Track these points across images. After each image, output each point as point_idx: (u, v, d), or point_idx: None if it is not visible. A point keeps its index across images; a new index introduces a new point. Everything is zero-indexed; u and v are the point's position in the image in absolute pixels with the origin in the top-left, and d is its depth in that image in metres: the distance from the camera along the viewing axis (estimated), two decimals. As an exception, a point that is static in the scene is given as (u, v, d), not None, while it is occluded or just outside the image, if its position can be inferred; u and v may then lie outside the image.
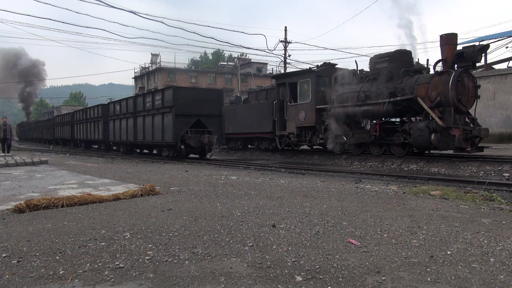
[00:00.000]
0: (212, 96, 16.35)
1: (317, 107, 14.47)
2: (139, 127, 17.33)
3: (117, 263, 2.92)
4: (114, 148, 23.44)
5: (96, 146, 27.74)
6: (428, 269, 2.73)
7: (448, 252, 3.11)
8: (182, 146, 14.64)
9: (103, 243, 3.44)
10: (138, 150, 20.16)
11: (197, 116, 15.02)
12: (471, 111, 11.73)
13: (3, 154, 16.77)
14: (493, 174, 9.53)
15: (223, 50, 71.02)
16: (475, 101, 11.72)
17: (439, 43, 11.74)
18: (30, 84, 53.40)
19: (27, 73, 52.92)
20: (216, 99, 16.12)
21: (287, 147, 16.74)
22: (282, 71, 29.81)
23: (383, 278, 2.58)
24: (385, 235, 3.61)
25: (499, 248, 3.23)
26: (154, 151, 18.49)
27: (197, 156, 16.46)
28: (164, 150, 16.25)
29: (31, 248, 3.32)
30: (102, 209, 5.01)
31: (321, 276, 2.62)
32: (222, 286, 2.48)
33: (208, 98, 15.68)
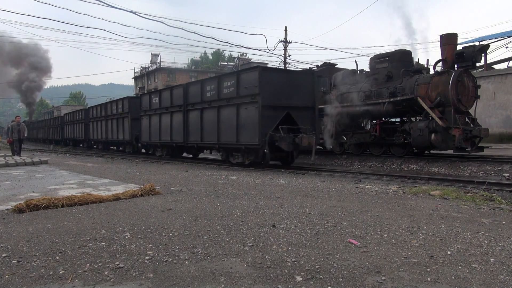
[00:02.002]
0: (304, 81, 11.90)
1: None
2: (193, 124, 13.70)
3: (117, 263, 2.92)
4: (144, 150, 20.27)
5: (116, 148, 24.33)
6: (428, 269, 2.73)
7: (448, 252, 3.11)
8: (266, 150, 10.66)
9: (103, 243, 3.44)
10: (185, 154, 16.70)
11: (286, 108, 11.05)
12: (471, 111, 11.75)
13: (15, 156, 15.33)
14: (493, 174, 9.54)
15: (223, 50, 71.02)
16: (475, 101, 11.73)
17: (439, 43, 11.75)
18: (36, 79, 50.62)
19: (36, 67, 49.88)
20: (308, 85, 11.89)
21: None
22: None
23: (383, 278, 2.58)
24: (385, 235, 3.61)
25: (499, 248, 3.23)
26: (209, 155, 16.09)
27: (278, 162, 12.73)
28: (235, 156, 12.13)
29: (31, 248, 3.32)
30: (102, 209, 5.01)
31: (321, 276, 2.62)
32: (222, 286, 2.48)
33: (299, 84, 11.55)
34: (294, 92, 11.29)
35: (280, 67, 26.92)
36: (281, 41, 29.07)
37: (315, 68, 15.97)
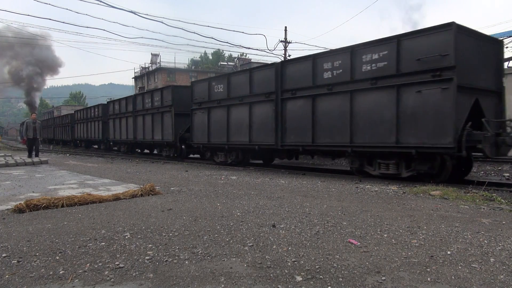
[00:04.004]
0: (490, 52, 7.96)
1: None
2: (294, 119, 9.92)
3: (117, 263, 2.92)
4: (192, 155, 15.91)
5: (150, 151, 19.98)
6: (428, 269, 2.73)
7: (448, 252, 3.11)
8: (463, 153, 6.96)
9: (103, 243, 3.44)
10: (278, 160, 13.44)
11: (475, 93, 7.43)
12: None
13: (36, 159, 13.70)
14: (493, 174, 9.54)
15: (223, 50, 71.11)
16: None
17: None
18: (41, 76, 47.72)
19: (42, 64, 44.85)
20: (495, 59, 8.11)
21: None
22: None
23: (383, 278, 2.58)
24: (385, 235, 3.61)
25: (499, 248, 3.23)
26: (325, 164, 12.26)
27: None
28: (389, 166, 8.22)
29: (31, 248, 3.32)
30: (102, 209, 5.01)
31: (321, 276, 2.62)
32: (222, 286, 2.48)
33: (486, 57, 7.83)
34: (482, 68, 7.68)
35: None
36: (281, 41, 29.02)
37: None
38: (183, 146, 15.15)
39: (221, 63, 60.80)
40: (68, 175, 9.40)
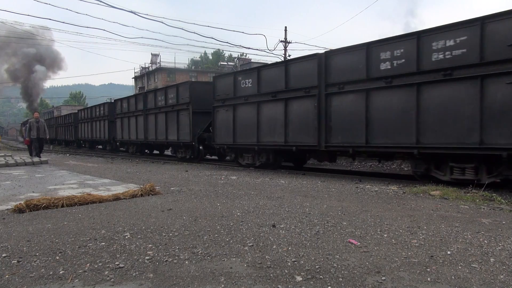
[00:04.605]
0: None
1: None
2: (341, 117, 8.79)
3: (117, 263, 2.92)
4: (208, 157, 14.91)
5: (159, 151, 19.02)
6: (428, 269, 2.73)
7: (448, 252, 3.11)
8: None
9: (103, 243, 3.44)
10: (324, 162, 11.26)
11: None
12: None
13: (36, 159, 13.52)
14: (493, 174, 9.51)
15: (223, 50, 71.16)
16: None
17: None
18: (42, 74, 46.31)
19: (43, 61, 43.51)
20: None
21: None
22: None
23: (383, 278, 2.58)
24: (385, 235, 3.61)
25: (499, 248, 3.23)
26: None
27: None
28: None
29: (31, 248, 3.32)
30: (102, 209, 5.01)
31: (321, 276, 2.62)
32: (222, 286, 2.48)
33: None
34: None
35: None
36: (281, 41, 29.02)
37: None
38: (200, 147, 14.21)
39: (221, 63, 60.83)
40: (68, 175, 9.40)
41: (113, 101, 22.58)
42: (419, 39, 7.31)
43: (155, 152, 20.09)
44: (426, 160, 7.65)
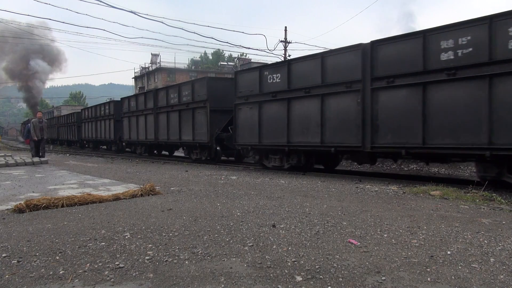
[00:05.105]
0: None
1: None
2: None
3: (117, 263, 2.92)
4: (223, 158, 14.19)
5: (168, 152, 18.06)
6: (428, 269, 2.73)
7: (448, 252, 3.11)
8: None
9: (103, 243, 3.44)
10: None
11: None
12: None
13: (36, 159, 13.31)
14: (493, 174, 9.51)
15: (223, 50, 71.20)
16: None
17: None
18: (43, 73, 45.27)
19: (44, 58, 42.16)
20: None
21: None
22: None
23: (383, 278, 2.58)
24: (385, 235, 3.61)
25: (499, 248, 3.23)
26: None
27: None
28: None
29: (31, 248, 3.32)
30: (102, 209, 5.01)
31: (321, 276, 2.62)
32: (222, 286, 2.48)
33: None
34: None
35: None
36: (281, 41, 29.02)
37: None
38: (218, 148, 13.32)
39: (221, 63, 60.87)
40: (68, 175, 9.40)
41: (119, 99, 21.66)
42: (491, 25, 6.36)
43: (164, 153, 19.30)
44: (499, 163, 6.71)
